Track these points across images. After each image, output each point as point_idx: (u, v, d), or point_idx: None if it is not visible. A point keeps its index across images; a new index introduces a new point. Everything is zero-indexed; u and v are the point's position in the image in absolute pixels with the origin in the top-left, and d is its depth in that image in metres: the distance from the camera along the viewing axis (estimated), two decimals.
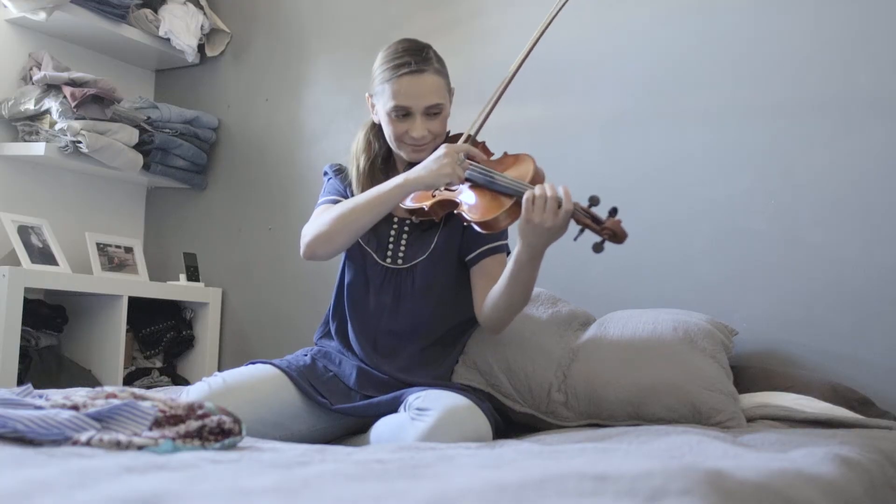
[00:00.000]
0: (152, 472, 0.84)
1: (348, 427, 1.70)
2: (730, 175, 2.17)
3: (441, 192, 1.67)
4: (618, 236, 1.45)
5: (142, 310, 2.86)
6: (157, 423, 1.08)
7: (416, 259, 1.75)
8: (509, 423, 1.75)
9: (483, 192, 1.62)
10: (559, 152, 2.38)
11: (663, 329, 1.81)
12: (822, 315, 2.02)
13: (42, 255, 2.64)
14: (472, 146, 1.76)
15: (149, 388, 2.70)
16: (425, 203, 1.68)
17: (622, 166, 2.32)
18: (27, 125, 2.72)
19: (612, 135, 2.36)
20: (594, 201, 1.48)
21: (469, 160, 1.65)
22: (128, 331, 2.77)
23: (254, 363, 1.73)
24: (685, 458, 1.12)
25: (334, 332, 1.82)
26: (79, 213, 2.97)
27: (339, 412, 1.65)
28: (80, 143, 2.63)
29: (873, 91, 2.02)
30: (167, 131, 2.95)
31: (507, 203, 1.57)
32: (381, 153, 1.82)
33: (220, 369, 2.81)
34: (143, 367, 2.85)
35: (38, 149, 2.65)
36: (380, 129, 1.79)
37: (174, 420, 1.10)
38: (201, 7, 3.08)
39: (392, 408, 1.61)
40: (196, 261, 3.02)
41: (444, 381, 1.74)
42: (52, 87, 2.67)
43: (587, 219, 1.47)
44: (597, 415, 1.72)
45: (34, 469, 0.83)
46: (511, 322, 1.72)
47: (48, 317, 2.70)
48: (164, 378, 2.86)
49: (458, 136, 1.80)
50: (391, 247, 1.77)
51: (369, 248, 1.77)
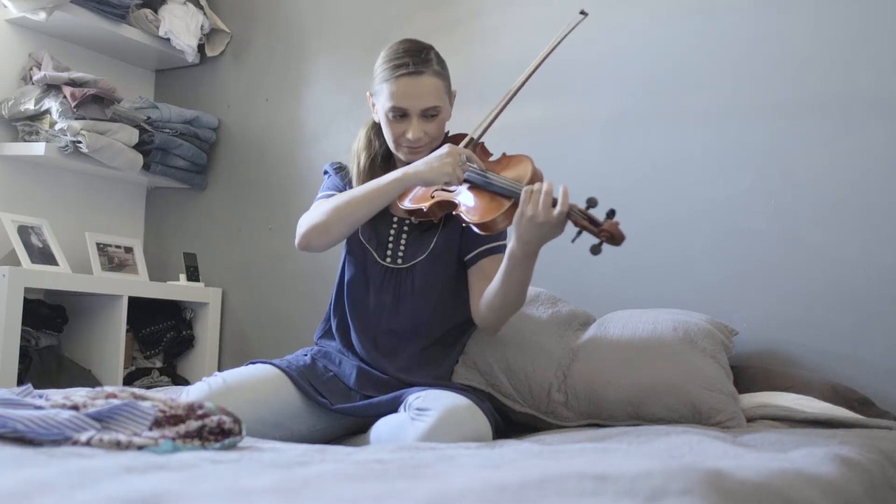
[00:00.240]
0: (152, 472, 0.84)
1: (348, 427, 1.70)
2: (730, 175, 2.17)
3: (439, 193, 1.67)
4: (615, 238, 1.45)
5: (142, 310, 2.86)
6: (157, 423, 1.08)
7: (415, 259, 1.75)
8: (509, 423, 1.75)
9: (481, 193, 1.62)
10: (559, 152, 2.38)
11: (663, 329, 1.81)
12: (822, 315, 2.02)
13: (42, 255, 2.64)
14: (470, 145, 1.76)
15: (149, 388, 2.70)
16: (424, 204, 1.68)
17: (622, 166, 2.32)
18: (27, 125, 2.72)
19: (612, 135, 2.36)
20: (592, 203, 1.48)
21: (469, 164, 1.66)
22: (128, 331, 2.77)
23: (254, 363, 1.73)
24: (685, 458, 1.12)
25: (335, 329, 1.82)
26: (79, 213, 2.97)
27: (339, 412, 1.65)
28: (80, 143, 2.63)
29: (873, 91, 2.02)
30: (167, 131, 2.95)
31: (505, 204, 1.57)
32: (382, 151, 1.82)
33: (220, 369, 2.81)
34: (143, 367, 2.85)
35: (38, 149, 2.65)
36: (380, 128, 1.79)
37: (174, 420, 1.10)
38: (201, 7, 3.08)
39: (392, 408, 1.61)
40: (196, 261, 3.03)
41: (444, 381, 1.74)
42: (52, 87, 2.67)
43: (585, 220, 1.47)
44: (597, 415, 1.72)
45: (34, 469, 0.83)
46: (506, 323, 1.73)
47: (48, 317, 2.70)
48: (164, 378, 2.86)
49: (459, 136, 1.80)
50: (391, 246, 1.77)
51: (370, 247, 1.77)
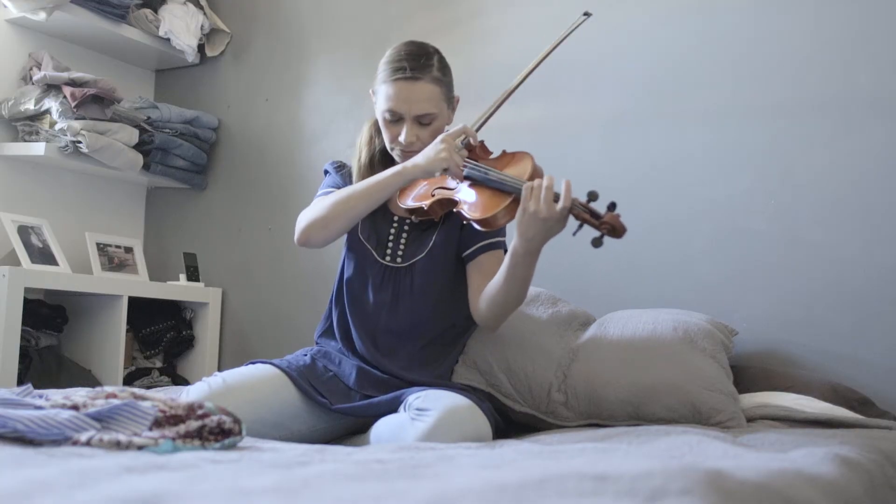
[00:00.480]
0: (152, 472, 0.84)
1: (348, 427, 1.70)
2: (730, 175, 2.17)
3: (440, 191, 1.67)
4: (616, 231, 1.45)
5: (142, 310, 2.86)
6: (157, 423, 1.08)
7: (414, 258, 1.75)
8: (509, 423, 1.75)
9: (482, 189, 1.62)
10: (559, 152, 2.38)
11: (663, 329, 1.81)
12: (822, 315, 2.02)
13: (42, 255, 2.64)
14: (471, 145, 1.76)
15: (149, 388, 2.70)
16: (424, 202, 1.68)
17: (622, 166, 2.32)
18: (27, 125, 2.72)
19: (612, 135, 2.36)
20: (593, 196, 1.48)
21: (468, 152, 1.65)
22: (128, 331, 2.77)
23: (254, 363, 1.73)
24: (685, 458, 1.12)
25: (335, 325, 1.82)
26: (79, 213, 2.97)
27: (338, 412, 1.65)
28: (80, 143, 2.63)
29: (873, 91, 2.02)
30: (167, 131, 2.95)
31: (505, 200, 1.56)
32: (382, 148, 1.83)
33: (220, 369, 2.81)
34: (143, 367, 2.86)
35: (38, 149, 2.66)
36: None
37: (174, 420, 1.10)
38: (201, 7, 3.08)
39: (392, 408, 1.61)
40: (196, 261, 3.03)
41: (444, 380, 1.74)
42: (52, 87, 2.67)
43: (586, 213, 1.47)
44: (597, 415, 1.72)
45: (34, 469, 0.83)
46: (506, 320, 1.72)
47: (48, 317, 2.70)
48: (164, 378, 2.86)
49: None
50: (391, 245, 1.77)
51: (369, 245, 1.77)
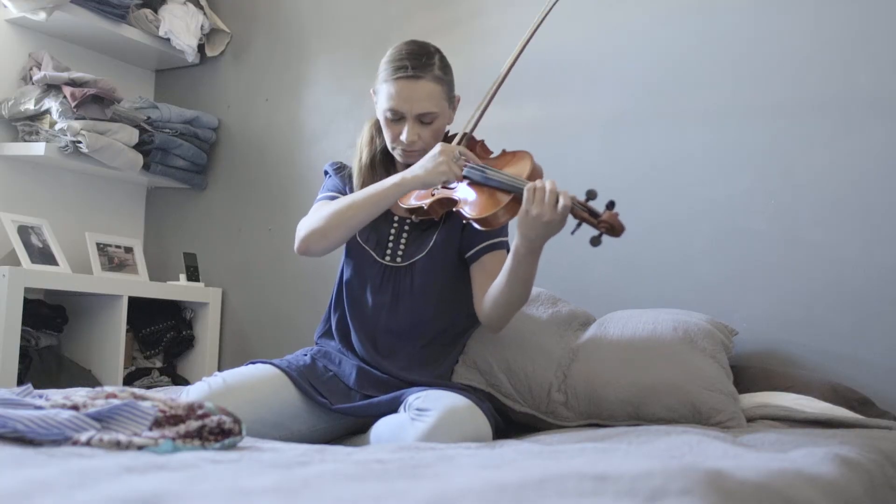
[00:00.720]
0: (152, 472, 0.84)
1: (348, 427, 1.70)
2: (730, 175, 2.17)
3: (440, 190, 1.67)
4: (615, 229, 1.45)
5: (142, 310, 2.86)
6: (157, 423, 1.08)
7: (415, 257, 1.75)
8: (509, 423, 1.75)
9: (481, 189, 1.62)
10: (559, 152, 2.38)
11: (663, 329, 1.81)
12: (822, 315, 2.02)
13: (42, 255, 2.64)
14: (470, 143, 1.76)
15: (149, 388, 2.70)
16: (424, 202, 1.68)
17: (622, 166, 2.32)
18: (27, 125, 2.72)
19: (612, 135, 2.36)
20: (591, 195, 1.48)
21: (464, 158, 1.65)
22: (128, 331, 2.77)
23: (254, 363, 1.73)
24: (685, 458, 1.12)
25: (334, 328, 1.82)
26: (79, 213, 2.97)
27: (338, 412, 1.65)
28: (80, 143, 2.63)
29: (873, 91, 2.02)
30: (167, 131, 2.95)
31: (505, 199, 1.56)
32: (383, 148, 1.83)
33: (220, 369, 2.81)
34: (143, 367, 2.86)
35: (38, 149, 2.65)
36: None
37: (174, 420, 1.10)
38: (201, 7, 3.08)
39: (392, 408, 1.61)
40: (196, 261, 3.03)
41: (444, 380, 1.74)
42: (52, 87, 2.67)
43: (584, 212, 1.47)
44: (597, 415, 1.72)
45: (34, 469, 0.83)
46: (511, 319, 1.72)
47: (48, 317, 2.70)
48: (164, 378, 2.86)
49: (455, 135, 1.80)
50: (391, 245, 1.77)
51: (368, 247, 1.77)
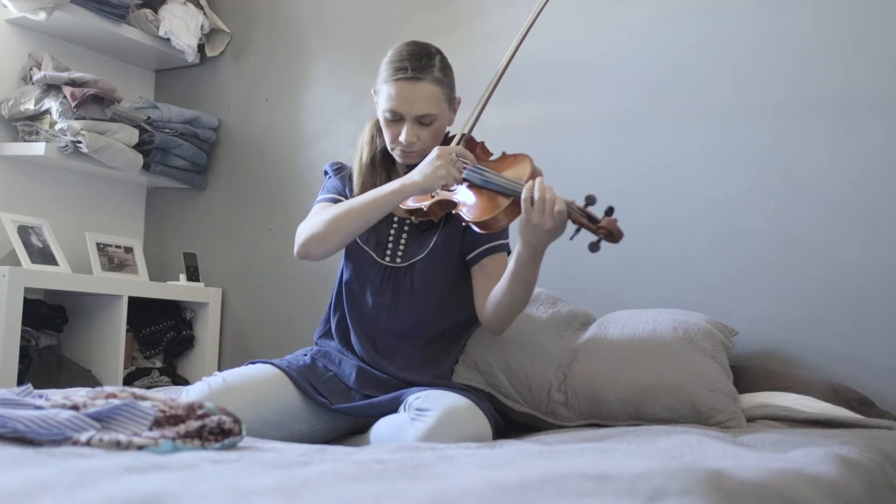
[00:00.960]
0: (152, 472, 0.84)
1: (348, 427, 1.70)
2: (730, 175, 2.17)
3: (439, 192, 1.67)
4: (613, 236, 1.45)
5: (142, 310, 2.86)
6: (157, 423, 1.08)
7: (414, 258, 1.75)
8: (509, 423, 1.75)
9: (480, 192, 1.62)
10: (559, 152, 2.38)
11: (663, 329, 1.81)
12: (822, 315, 2.02)
13: (42, 255, 2.64)
14: (470, 145, 1.76)
15: (149, 388, 2.70)
16: (424, 203, 1.69)
17: (622, 166, 2.32)
18: (27, 125, 2.72)
19: (612, 135, 2.36)
20: (591, 200, 1.48)
21: (462, 160, 1.65)
22: (128, 331, 2.77)
23: (254, 363, 1.73)
24: (685, 458, 1.12)
25: (334, 329, 1.82)
26: (79, 213, 2.97)
27: (338, 412, 1.65)
28: (80, 143, 2.63)
29: (873, 91, 2.02)
30: (167, 131, 2.95)
31: (504, 203, 1.57)
32: (383, 148, 1.83)
33: (220, 369, 2.80)
34: (143, 367, 2.86)
35: (38, 149, 2.65)
36: None
37: (174, 420, 1.10)
38: (201, 7, 3.08)
39: (392, 408, 1.61)
40: (196, 261, 3.03)
41: (444, 380, 1.74)
42: (52, 87, 2.67)
43: (583, 218, 1.47)
44: (597, 415, 1.72)
45: (34, 469, 0.83)
46: (512, 323, 1.73)
47: (48, 317, 2.70)
48: (164, 378, 2.86)
49: (454, 136, 1.80)
50: (391, 245, 1.77)
51: (367, 248, 1.77)
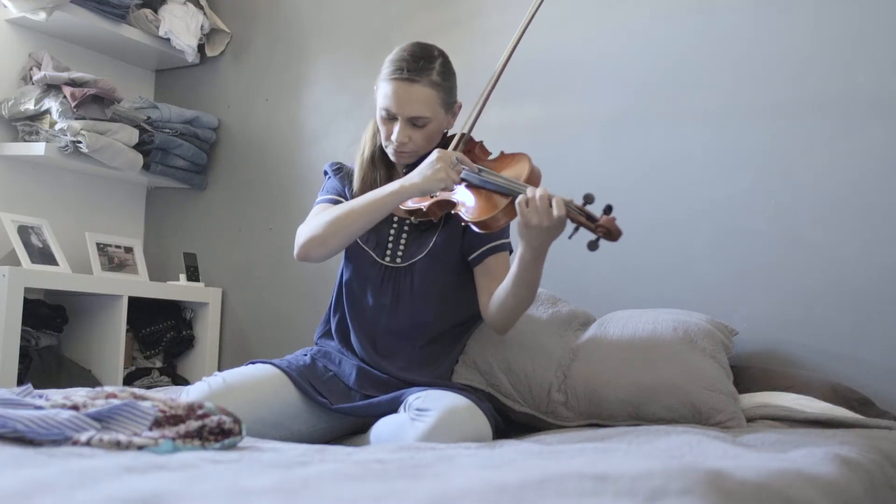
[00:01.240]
0: (152, 472, 0.84)
1: (348, 427, 1.70)
2: (730, 175, 2.17)
3: (439, 193, 1.67)
4: (612, 234, 1.45)
5: (142, 310, 2.86)
6: (157, 423, 1.08)
7: (415, 258, 1.75)
8: (509, 423, 1.75)
9: (479, 192, 1.62)
10: (559, 152, 2.38)
11: (663, 329, 1.81)
12: (822, 315, 2.02)
13: (42, 255, 2.64)
14: (469, 144, 1.76)
15: (149, 388, 2.70)
16: (423, 204, 1.69)
17: (622, 166, 2.32)
18: (27, 125, 2.72)
19: (612, 135, 2.36)
20: (589, 199, 1.48)
21: (462, 165, 1.65)
22: (128, 331, 2.77)
23: (254, 363, 1.73)
24: (685, 458, 1.12)
25: (334, 329, 1.82)
26: (79, 213, 2.97)
27: (338, 412, 1.65)
28: (80, 143, 2.63)
29: (873, 91, 2.02)
30: (167, 131, 2.95)
31: (503, 203, 1.57)
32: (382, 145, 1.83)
33: (220, 369, 2.80)
34: (143, 367, 2.86)
35: (38, 149, 2.65)
36: None
37: (174, 420, 1.10)
38: (201, 7, 3.08)
39: (392, 408, 1.61)
40: (196, 261, 3.02)
41: (444, 380, 1.74)
42: (52, 87, 2.67)
43: (582, 217, 1.47)
44: (597, 415, 1.72)
45: (34, 469, 0.83)
46: (517, 322, 1.72)
47: (48, 317, 2.70)
48: (164, 378, 2.86)
49: (453, 136, 1.80)
50: (391, 246, 1.77)
51: (367, 248, 1.77)
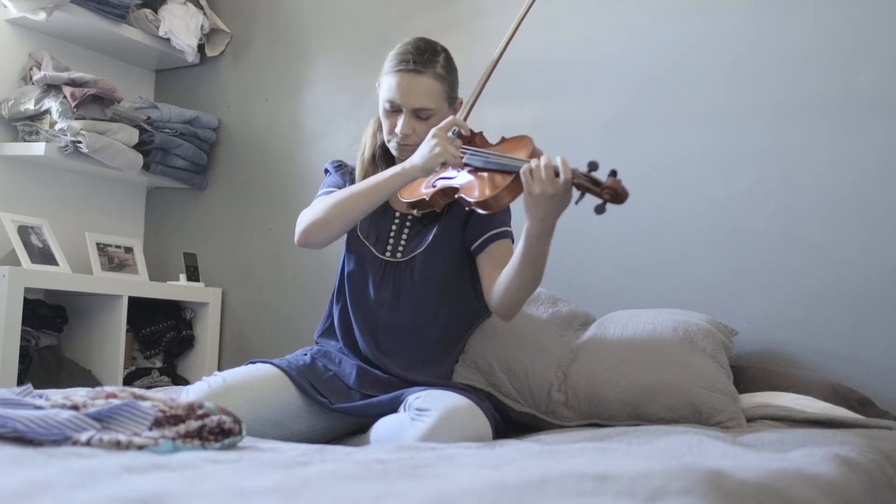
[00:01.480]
0: (152, 472, 0.84)
1: (348, 427, 1.70)
2: (730, 175, 2.17)
3: (441, 181, 1.66)
4: (619, 195, 1.44)
5: (142, 310, 2.86)
6: (157, 423, 1.08)
7: (415, 252, 1.75)
8: (509, 422, 1.75)
9: (482, 173, 1.61)
10: (559, 152, 2.35)
11: (663, 329, 1.81)
12: (822, 315, 2.02)
13: (42, 255, 2.64)
14: (469, 136, 1.75)
15: (149, 388, 2.69)
16: (426, 193, 1.67)
17: (622, 166, 2.28)
18: (27, 125, 2.72)
19: (612, 135, 2.35)
20: (593, 166, 1.48)
21: (460, 138, 1.64)
22: (128, 331, 2.77)
23: (254, 363, 1.73)
24: (685, 458, 1.12)
25: (336, 322, 1.81)
26: (79, 213, 2.97)
27: (338, 412, 1.65)
28: (80, 143, 2.63)
29: (873, 91, 2.02)
30: (167, 131, 2.95)
31: (506, 180, 1.55)
32: (384, 143, 1.83)
33: (220, 369, 2.80)
34: (143, 367, 2.86)
35: (38, 149, 2.65)
36: None
37: (174, 420, 1.10)
38: (201, 7, 3.08)
39: (392, 407, 1.61)
40: (196, 261, 3.02)
41: (444, 380, 1.74)
42: (52, 87, 2.67)
43: (587, 182, 1.47)
44: (597, 415, 1.72)
45: (34, 469, 0.83)
46: (522, 306, 1.71)
47: (48, 317, 2.70)
48: (164, 378, 2.86)
49: None
50: (391, 241, 1.77)
51: (368, 243, 1.77)
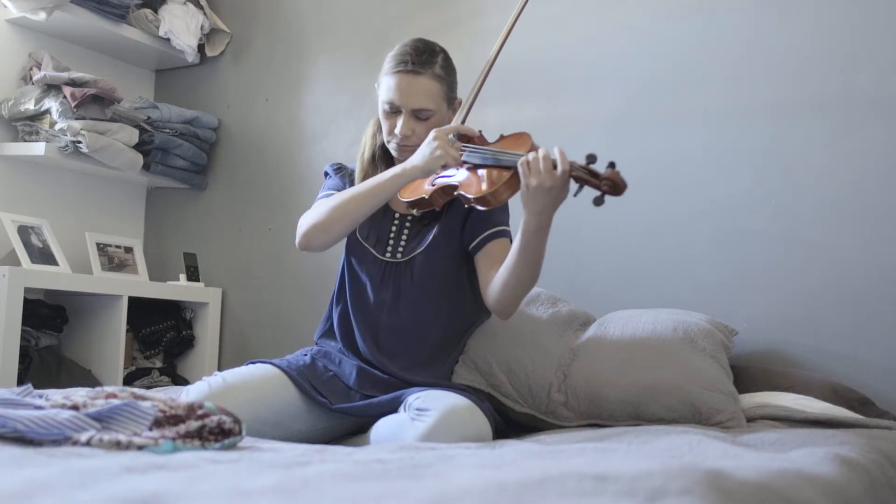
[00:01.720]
0: (152, 472, 0.84)
1: (348, 427, 1.70)
2: (730, 175, 2.17)
3: (440, 179, 1.66)
4: (617, 187, 1.44)
5: (142, 310, 2.86)
6: (157, 423, 1.08)
7: (414, 252, 1.75)
8: (509, 423, 1.75)
9: (480, 170, 1.61)
10: None
11: (663, 329, 1.81)
12: (822, 315, 2.02)
13: (42, 255, 2.64)
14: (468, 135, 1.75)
15: (149, 388, 2.70)
16: (425, 192, 1.68)
17: (622, 166, 2.29)
18: (27, 125, 2.72)
19: (612, 135, 2.35)
20: (591, 159, 1.48)
21: (460, 140, 1.65)
22: (128, 331, 2.77)
23: (254, 363, 1.73)
24: (685, 458, 1.12)
25: (336, 323, 1.81)
26: (79, 213, 2.97)
27: (338, 412, 1.65)
28: (80, 143, 2.63)
29: (873, 91, 2.02)
30: (167, 131, 2.95)
31: (505, 175, 1.55)
32: (382, 144, 1.83)
33: (220, 369, 2.80)
34: (143, 367, 2.86)
35: (38, 149, 2.66)
36: None
37: (174, 420, 1.10)
38: (201, 7, 3.08)
39: (392, 408, 1.61)
40: (196, 261, 3.03)
41: (444, 380, 1.74)
42: (52, 87, 2.67)
43: (585, 174, 1.47)
44: (597, 415, 1.72)
45: (34, 469, 0.83)
46: (520, 304, 1.71)
47: (48, 317, 2.70)
48: (164, 378, 2.86)
49: None
50: (391, 242, 1.77)
51: (368, 245, 1.77)
